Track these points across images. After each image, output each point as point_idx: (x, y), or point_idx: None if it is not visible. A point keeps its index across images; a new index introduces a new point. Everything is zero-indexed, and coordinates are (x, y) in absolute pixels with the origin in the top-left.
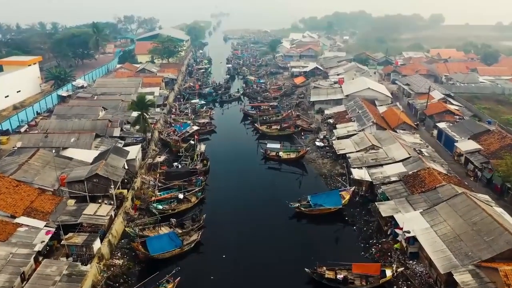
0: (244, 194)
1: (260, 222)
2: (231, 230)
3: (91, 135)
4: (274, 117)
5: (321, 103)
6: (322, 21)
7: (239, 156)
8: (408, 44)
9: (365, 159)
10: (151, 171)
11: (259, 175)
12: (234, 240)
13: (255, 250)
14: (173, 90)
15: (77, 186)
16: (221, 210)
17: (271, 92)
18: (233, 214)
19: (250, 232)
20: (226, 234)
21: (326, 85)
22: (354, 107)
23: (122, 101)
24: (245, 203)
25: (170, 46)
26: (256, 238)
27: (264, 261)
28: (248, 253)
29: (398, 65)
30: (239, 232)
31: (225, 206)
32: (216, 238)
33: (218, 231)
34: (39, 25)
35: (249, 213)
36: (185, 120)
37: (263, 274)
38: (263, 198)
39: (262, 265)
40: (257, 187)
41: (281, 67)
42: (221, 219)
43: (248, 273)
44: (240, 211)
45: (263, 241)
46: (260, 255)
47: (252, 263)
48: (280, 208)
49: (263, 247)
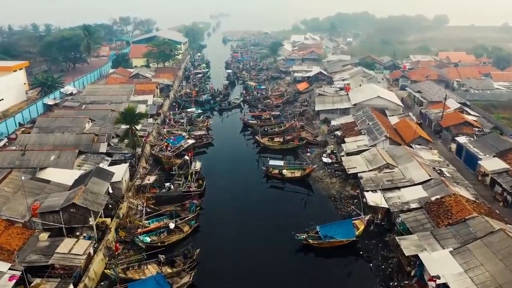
0: (243, 221)
1: (262, 257)
2: (229, 267)
3: (74, 152)
4: (276, 127)
5: (326, 113)
6: (324, 22)
7: (238, 173)
8: (414, 47)
9: (379, 180)
10: (140, 193)
11: (260, 197)
12: (232, 280)
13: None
14: (168, 97)
15: (52, 217)
16: (217, 241)
17: (272, 100)
18: (231, 247)
19: (251, 269)
20: (223, 273)
21: (331, 92)
22: (363, 117)
23: (112, 111)
24: (245, 233)
25: (166, 50)
26: (257, 279)
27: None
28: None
29: (406, 70)
30: (237, 268)
31: (222, 238)
32: (212, 279)
33: (214, 269)
34: (32, 26)
35: (249, 246)
36: (180, 131)
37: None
38: (265, 227)
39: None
40: (258, 213)
41: (283, 71)
42: (217, 254)
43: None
44: (239, 244)
45: (265, 281)
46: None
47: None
48: (284, 239)
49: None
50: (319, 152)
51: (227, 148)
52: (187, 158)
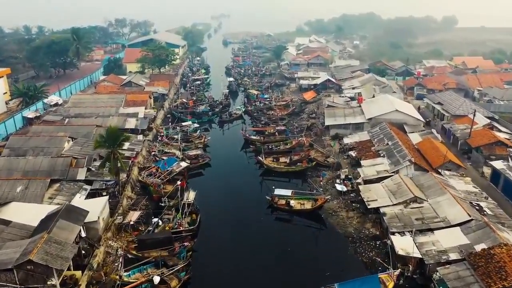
0: (245, 269)
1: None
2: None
3: (45, 182)
4: (282, 145)
5: (337, 127)
6: (329, 23)
7: (238, 202)
8: (424, 50)
9: (407, 218)
10: (122, 232)
11: (264, 235)
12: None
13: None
14: (163, 108)
15: (4, 275)
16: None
17: (277, 111)
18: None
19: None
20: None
21: (341, 103)
22: (380, 135)
23: (97, 126)
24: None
25: (162, 55)
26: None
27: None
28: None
29: (420, 76)
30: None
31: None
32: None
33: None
34: (24, 28)
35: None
36: (173, 150)
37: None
38: (272, 278)
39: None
40: (262, 257)
41: (287, 77)
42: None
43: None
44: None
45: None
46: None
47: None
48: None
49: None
50: (332, 176)
51: (226, 169)
52: (180, 183)
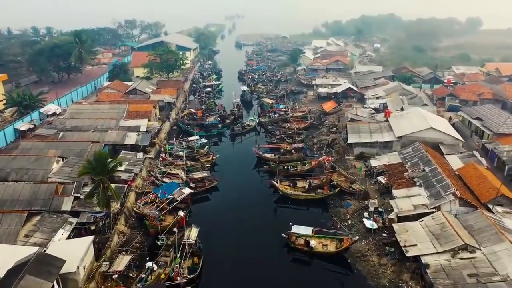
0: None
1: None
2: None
3: (20, 217)
4: (299, 165)
5: (363, 146)
6: (347, 25)
7: (249, 238)
8: (451, 54)
9: (457, 273)
10: (109, 281)
11: (279, 282)
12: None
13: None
14: (169, 120)
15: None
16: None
17: (293, 123)
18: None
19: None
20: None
21: (365, 115)
22: (414, 158)
23: (93, 143)
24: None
25: (170, 59)
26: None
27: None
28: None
29: (451, 85)
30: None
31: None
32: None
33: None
34: (32, 30)
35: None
36: (176, 171)
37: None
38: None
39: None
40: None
41: (304, 84)
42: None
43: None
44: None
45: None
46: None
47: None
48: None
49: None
50: (358, 207)
51: (236, 195)
52: (182, 214)
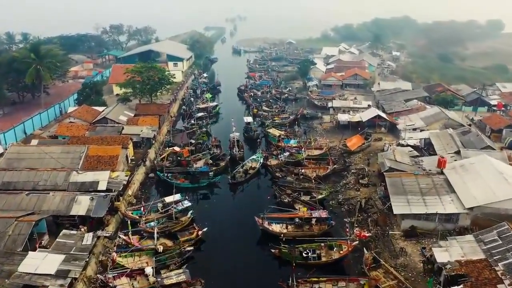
0: None
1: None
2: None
3: None
4: (324, 249)
5: (413, 217)
6: (359, 29)
7: None
8: (480, 63)
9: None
10: None
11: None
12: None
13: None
14: (144, 163)
15: None
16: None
17: (310, 169)
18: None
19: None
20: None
21: (406, 160)
22: (506, 254)
23: (17, 220)
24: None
25: (153, 77)
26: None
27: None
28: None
29: (502, 109)
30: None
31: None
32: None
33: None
34: (5, 35)
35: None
36: (139, 262)
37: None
38: None
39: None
40: None
41: (318, 106)
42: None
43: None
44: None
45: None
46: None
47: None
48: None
49: None
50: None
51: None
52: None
